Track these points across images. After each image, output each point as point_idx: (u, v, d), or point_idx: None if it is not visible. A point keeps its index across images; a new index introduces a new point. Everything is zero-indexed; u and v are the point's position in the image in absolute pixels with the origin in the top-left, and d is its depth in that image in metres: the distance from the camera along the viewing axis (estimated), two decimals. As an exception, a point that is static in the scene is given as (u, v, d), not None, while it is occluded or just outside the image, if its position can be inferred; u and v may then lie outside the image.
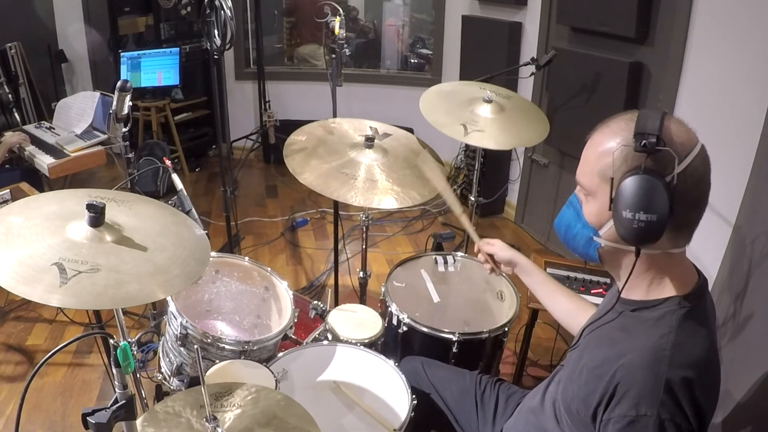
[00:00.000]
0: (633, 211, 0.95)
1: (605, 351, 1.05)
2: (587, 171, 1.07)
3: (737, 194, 2.11)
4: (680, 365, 0.96)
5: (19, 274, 1.02)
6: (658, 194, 0.94)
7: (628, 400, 0.96)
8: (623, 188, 0.97)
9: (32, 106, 4.11)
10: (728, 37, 2.28)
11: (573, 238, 1.14)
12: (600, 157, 1.04)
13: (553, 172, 3.66)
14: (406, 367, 1.70)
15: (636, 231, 0.96)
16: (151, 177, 4.17)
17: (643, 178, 0.95)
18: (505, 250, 1.61)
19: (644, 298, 1.07)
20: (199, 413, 1.22)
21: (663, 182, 0.94)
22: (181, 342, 1.67)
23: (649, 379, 0.95)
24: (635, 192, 0.95)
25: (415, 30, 5.48)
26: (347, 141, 2.11)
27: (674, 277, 1.05)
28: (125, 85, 1.91)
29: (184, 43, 4.59)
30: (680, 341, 0.98)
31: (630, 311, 1.08)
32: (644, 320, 1.04)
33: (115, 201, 1.29)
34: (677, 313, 1.02)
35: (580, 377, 1.08)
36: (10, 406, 2.28)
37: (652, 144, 0.94)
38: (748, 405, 1.69)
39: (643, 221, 0.95)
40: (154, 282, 1.12)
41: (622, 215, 0.97)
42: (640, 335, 1.02)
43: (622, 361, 0.99)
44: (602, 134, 1.05)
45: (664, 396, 0.94)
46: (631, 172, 0.97)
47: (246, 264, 1.98)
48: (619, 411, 0.97)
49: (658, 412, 0.93)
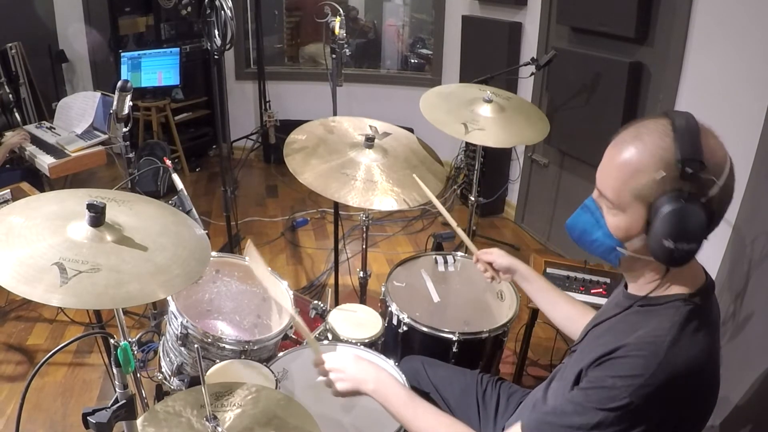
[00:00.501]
0: (674, 240, 0.94)
1: (607, 339, 1.05)
2: (615, 186, 1.02)
3: (737, 194, 2.09)
4: (673, 362, 0.95)
5: (20, 273, 1.02)
6: (699, 223, 0.93)
7: (624, 359, 0.97)
8: (663, 216, 0.95)
9: (33, 106, 4.12)
10: (728, 37, 2.28)
11: (591, 243, 1.11)
12: (633, 175, 0.99)
13: (553, 172, 3.66)
14: (406, 367, 1.70)
15: (675, 258, 0.96)
16: (151, 177, 4.18)
17: (686, 207, 0.93)
18: (504, 257, 1.61)
19: (651, 294, 1.07)
20: (199, 413, 1.22)
21: (703, 208, 0.94)
22: (182, 342, 1.68)
23: (648, 353, 0.96)
24: (678, 222, 0.94)
25: (415, 30, 5.48)
26: (347, 140, 2.11)
27: (683, 277, 1.05)
28: (126, 85, 1.91)
29: (184, 43, 4.60)
30: (679, 337, 0.98)
31: (637, 307, 1.08)
32: (648, 314, 1.05)
33: (116, 201, 1.29)
34: (681, 310, 1.01)
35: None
36: (11, 405, 2.28)
37: (696, 170, 0.92)
38: (747, 405, 1.68)
39: (683, 250, 0.95)
40: (155, 282, 1.12)
41: (661, 242, 0.95)
42: (643, 326, 1.02)
43: (623, 341, 0.99)
44: (634, 147, 1.00)
45: (657, 370, 0.94)
46: (671, 197, 0.94)
47: (246, 264, 1.98)
48: (612, 364, 0.98)
49: (646, 380, 0.94)
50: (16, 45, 3.94)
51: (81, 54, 4.81)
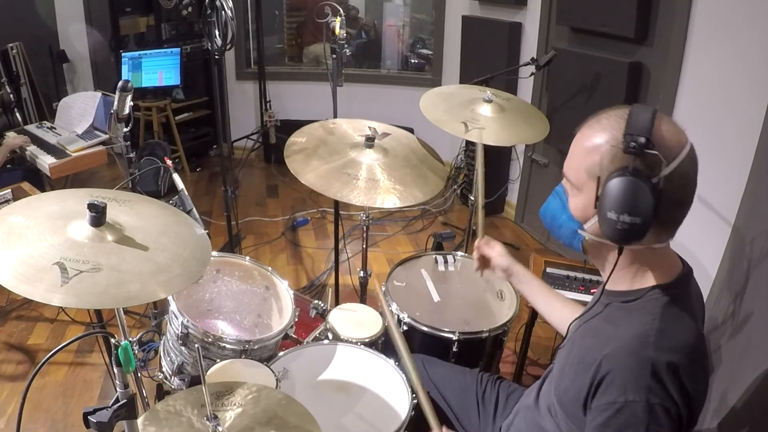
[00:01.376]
0: (617, 212, 0.96)
1: (591, 342, 1.06)
2: (574, 165, 1.08)
3: (736, 194, 2.11)
4: (665, 350, 0.96)
5: (21, 273, 1.02)
6: (643, 197, 0.95)
7: (615, 388, 0.96)
8: (609, 189, 0.97)
9: (34, 106, 4.13)
10: (727, 37, 2.29)
11: (558, 228, 1.16)
12: (588, 154, 1.04)
13: (552, 172, 3.66)
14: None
15: (619, 232, 0.97)
16: (152, 177, 4.18)
17: (629, 180, 0.95)
18: (503, 257, 1.61)
19: (629, 288, 1.09)
20: (200, 412, 1.22)
21: (649, 184, 0.95)
22: (182, 341, 1.68)
23: (635, 365, 0.96)
24: (620, 194, 0.96)
25: (415, 30, 5.49)
26: (347, 141, 2.12)
27: (658, 267, 1.07)
28: (126, 85, 1.91)
29: (185, 43, 4.61)
30: (664, 327, 0.99)
31: (615, 302, 1.10)
32: (629, 310, 1.06)
33: (117, 201, 1.29)
34: (660, 300, 1.03)
35: (570, 372, 1.09)
36: (12, 405, 2.29)
37: (641, 146, 0.95)
38: (746, 404, 1.69)
39: (626, 223, 0.96)
40: (155, 281, 1.12)
41: (606, 215, 0.98)
42: (624, 324, 1.03)
43: (608, 350, 1.00)
44: (591, 129, 1.06)
45: (651, 381, 0.94)
46: (618, 173, 0.97)
47: (247, 263, 1.99)
48: (606, 398, 0.97)
49: (646, 396, 0.93)
50: (17, 45, 3.95)
51: (82, 54, 4.82)
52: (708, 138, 2.15)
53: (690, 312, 1.04)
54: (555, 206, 1.16)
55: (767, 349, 1.71)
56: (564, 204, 1.13)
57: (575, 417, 1.08)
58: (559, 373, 1.17)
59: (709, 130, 2.26)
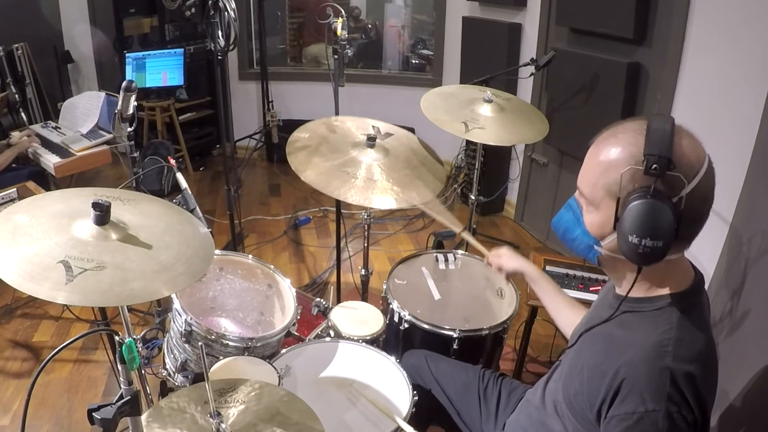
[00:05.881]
0: (639, 237, 0.94)
1: (606, 348, 1.06)
2: (591, 182, 1.05)
3: (734, 193, 2.12)
4: (683, 360, 0.96)
5: (26, 271, 1.02)
6: (665, 220, 0.93)
7: (635, 397, 0.96)
8: (629, 212, 0.95)
9: (38, 106, 4.15)
10: (725, 38, 2.29)
11: (572, 241, 1.14)
12: (606, 171, 1.01)
13: (552, 171, 3.67)
14: (409, 361, 1.72)
15: (641, 255, 0.96)
16: (155, 176, 4.20)
17: (651, 203, 0.93)
18: (512, 260, 1.65)
19: (644, 296, 1.07)
20: (203, 409, 1.23)
21: (670, 206, 0.93)
22: (186, 339, 1.69)
23: (654, 374, 0.96)
24: (642, 218, 0.94)
25: (416, 31, 5.50)
26: (349, 139, 2.12)
27: (673, 276, 1.06)
28: (130, 85, 1.93)
29: (188, 43, 4.63)
30: (681, 336, 0.99)
31: (629, 309, 1.09)
32: (643, 317, 1.05)
33: (121, 200, 1.29)
34: (676, 309, 1.02)
35: (582, 375, 1.09)
36: (17, 401, 2.31)
37: (662, 167, 0.92)
38: (744, 402, 1.70)
39: (648, 247, 0.94)
40: (159, 279, 1.12)
41: (627, 239, 0.96)
42: (640, 332, 1.03)
43: (625, 358, 0.99)
44: (608, 144, 1.02)
45: (671, 390, 0.94)
46: (639, 194, 0.95)
47: (249, 262, 2.00)
48: (625, 408, 0.96)
49: (666, 406, 0.93)
50: (22, 46, 3.97)
51: (86, 54, 4.83)
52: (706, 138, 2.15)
53: (704, 320, 1.04)
54: (568, 219, 1.14)
55: (764, 346, 1.72)
56: (578, 218, 1.11)
57: (584, 418, 1.08)
58: (567, 374, 1.17)
59: (706, 130, 2.22)
